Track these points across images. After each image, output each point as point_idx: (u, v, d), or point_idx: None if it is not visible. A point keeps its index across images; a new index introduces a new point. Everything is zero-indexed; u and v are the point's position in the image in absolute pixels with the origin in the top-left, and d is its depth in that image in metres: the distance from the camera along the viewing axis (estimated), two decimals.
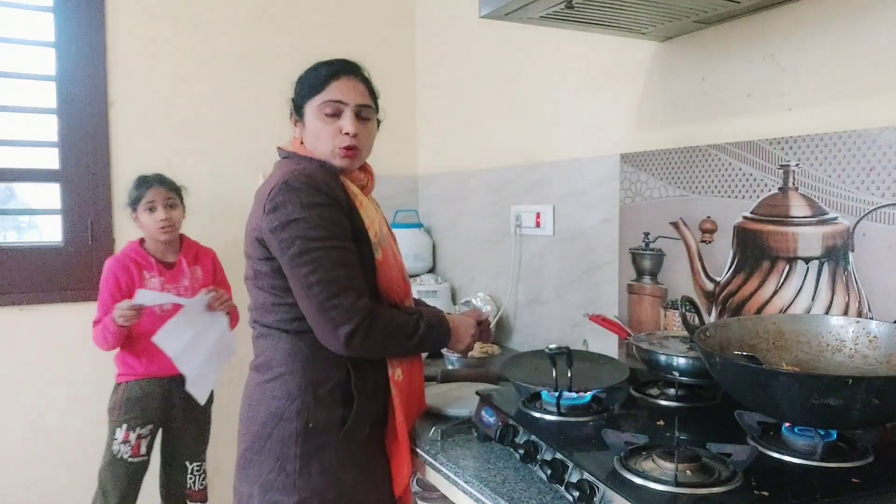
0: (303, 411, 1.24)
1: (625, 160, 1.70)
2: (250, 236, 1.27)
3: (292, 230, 1.19)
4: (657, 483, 0.91)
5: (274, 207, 1.20)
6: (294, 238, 1.18)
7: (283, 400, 1.25)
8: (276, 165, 1.35)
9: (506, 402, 1.29)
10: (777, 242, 1.34)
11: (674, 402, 1.31)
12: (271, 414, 1.25)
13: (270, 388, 1.27)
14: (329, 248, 1.19)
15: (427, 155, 2.71)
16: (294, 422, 1.24)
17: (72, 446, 2.19)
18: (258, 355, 1.32)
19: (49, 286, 2.14)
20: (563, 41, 1.90)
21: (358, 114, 1.31)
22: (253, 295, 1.32)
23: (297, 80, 1.36)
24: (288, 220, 1.19)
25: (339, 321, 1.17)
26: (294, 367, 1.26)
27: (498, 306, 2.21)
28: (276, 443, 1.24)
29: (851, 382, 0.91)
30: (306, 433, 1.24)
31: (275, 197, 1.20)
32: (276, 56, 2.44)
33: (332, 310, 1.17)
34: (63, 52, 2.14)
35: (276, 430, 1.24)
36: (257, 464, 1.25)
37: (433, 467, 1.26)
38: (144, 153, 2.25)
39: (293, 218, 1.19)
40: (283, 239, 1.19)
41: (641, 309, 1.67)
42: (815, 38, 1.28)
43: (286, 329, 1.26)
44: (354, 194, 1.29)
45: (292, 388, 1.25)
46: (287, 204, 1.19)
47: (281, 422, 1.24)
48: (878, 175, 1.18)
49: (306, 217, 1.19)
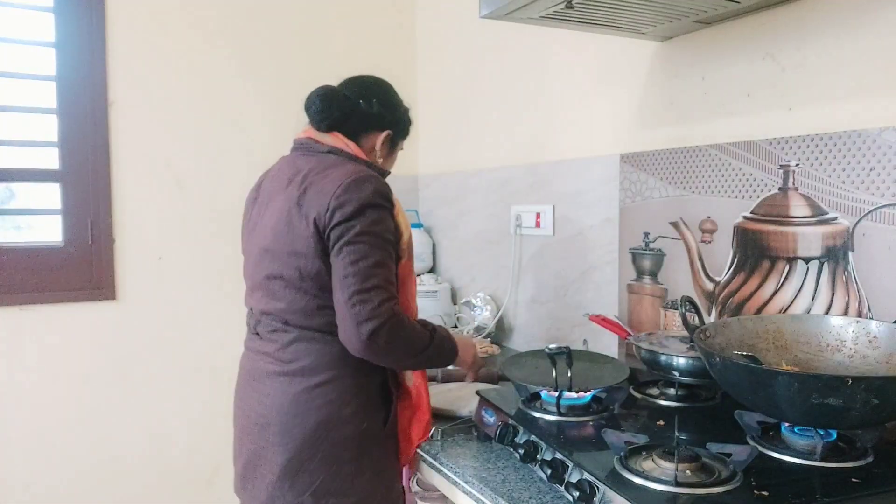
0: (358, 413, 1.25)
1: (625, 160, 1.70)
2: (305, 234, 1.24)
3: (352, 223, 1.21)
4: (657, 483, 0.91)
5: (342, 203, 1.22)
6: (349, 229, 1.21)
7: (337, 404, 1.24)
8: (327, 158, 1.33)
9: (506, 402, 1.29)
10: (777, 242, 1.34)
11: (674, 402, 1.31)
12: (322, 420, 1.24)
13: (321, 393, 1.24)
14: (375, 246, 1.22)
15: (427, 155, 2.71)
16: (349, 425, 1.24)
17: (72, 446, 2.19)
18: (295, 360, 1.27)
19: (49, 286, 2.14)
20: (564, 41, 1.90)
21: None
22: (288, 297, 1.27)
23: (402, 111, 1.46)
24: (353, 216, 1.22)
25: (363, 317, 1.17)
26: (345, 371, 1.25)
27: (498, 306, 2.21)
28: (329, 448, 1.23)
29: (851, 382, 0.91)
30: (361, 435, 1.25)
31: (342, 194, 1.22)
32: (277, 56, 2.44)
33: (359, 304, 1.18)
34: (63, 52, 2.14)
35: (331, 435, 1.24)
36: (309, 472, 1.23)
37: (433, 467, 1.26)
38: (144, 153, 2.25)
39: (357, 213, 1.22)
40: (342, 231, 1.22)
41: (641, 309, 1.67)
42: (815, 38, 1.28)
43: (331, 332, 1.24)
44: (395, 201, 1.33)
45: (346, 392, 1.25)
46: (355, 200, 1.22)
47: (337, 425, 1.24)
48: (878, 175, 1.18)
49: (368, 214, 1.23)
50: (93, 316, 2.20)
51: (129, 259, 2.24)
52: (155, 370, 2.29)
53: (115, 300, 2.22)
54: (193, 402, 2.33)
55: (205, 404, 2.33)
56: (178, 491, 2.34)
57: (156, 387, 2.29)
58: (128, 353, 2.25)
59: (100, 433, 2.22)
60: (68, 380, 2.18)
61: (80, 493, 2.20)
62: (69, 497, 2.19)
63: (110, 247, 2.21)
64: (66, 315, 2.17)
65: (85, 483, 2.21)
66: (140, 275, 2.26)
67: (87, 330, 2.20)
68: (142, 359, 2.27)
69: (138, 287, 2.26)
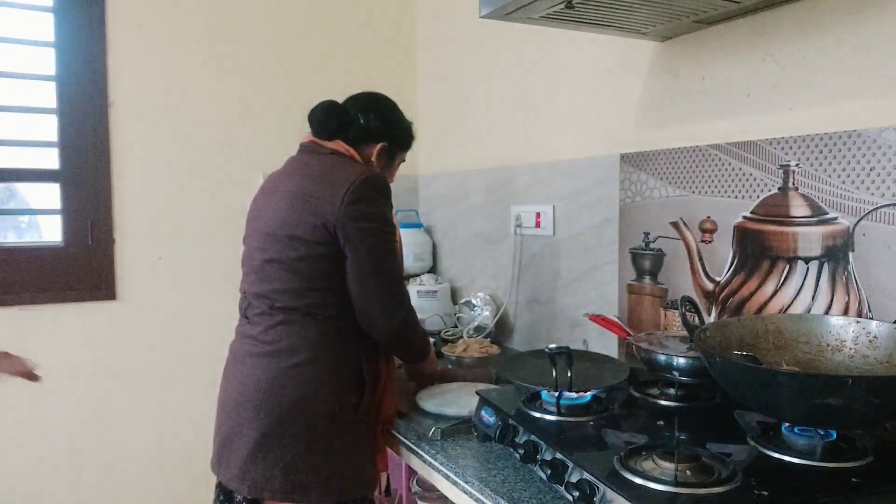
0: (332, 395, 1.32)
1: (625, 160, 1.70)
2: (308, 221, 1.31)
3: (372, 222, 1.33)
4: (657, 483, 0.91)
5: (357, 199, 1.31)
6: (374, 229, 1.33)
7: (314, 384, 1.31)
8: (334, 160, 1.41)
9: (506, 402, 1.29)
10: (777, 242, 1.34)
11: (674, 401, 1.31)
12: (299, 398, 1.30)
13: (297, 374, 1.31)
14: (394, 245, 1.38)
15: (427, 155, 2.71)
16: (324, 404, 1.31)
17: (72, 446, 2.19)
18: (276, 341, 1.34)
19: (49, 286, 2.14)
20: (563, 41, 1.90)
21: None
22: (281, 279, 1.34)
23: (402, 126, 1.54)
24: (369, 213, 1.32)
25: (397, 306, 1.36)
26: (320, 354, 1.33)
27: (498, 306, 2.21)
28: (304, 425, 1.29)
29: (851, 382, 0.91)
30: (333, 415, 1.32)
31: (356, 190, 1.31)
32: (276, 56, 2.44)
33: (396, 295, 1.36)
34: (63, 52, 2.14)
35: (305, 414, 1.30)
36: (281, 447, 1.29)
37: (433, 467, 1.26)
38: (144, 153, 2.25)
39: (373, 212, 1.33)
40: (364, 228, 1.32)
41: (641, 309, 1.67)
42: (815, 38, 1.28)
43: (314, 314, 1.33)
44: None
45: (322, 372, 1.32)
46: (368, 199, 1.33)
47: (312, 404, 1.30)
48: (878, 175, 1.18)
49: (383, 214, 1.36)
50: (93, 316, 2.20)
51: (129, 259, 2.24)
52: (155, 370, 2.29)
53: (115, 300, 2.22)
54: (193, 402, 2.33)
55: (205, 404, 2.32)
56: (178, 490, 2.34)
57: (156, 386, 2.29)
58: (128, 353, 2.25)
59: (100, 433, 2.22)
60: (68, 380, 2.18)
61: (80, 492, 2.20)
62: (69, 497, 2.19)
63: (110, 247, 2.21)
64: (66, 315, 2.17)
65: (85, 482, 2.21)
66: (140, 275, 2.26)
67: (87, 330, 2.20)
68: (142, 359, 2.27)
69: (138, 287, 2.26)
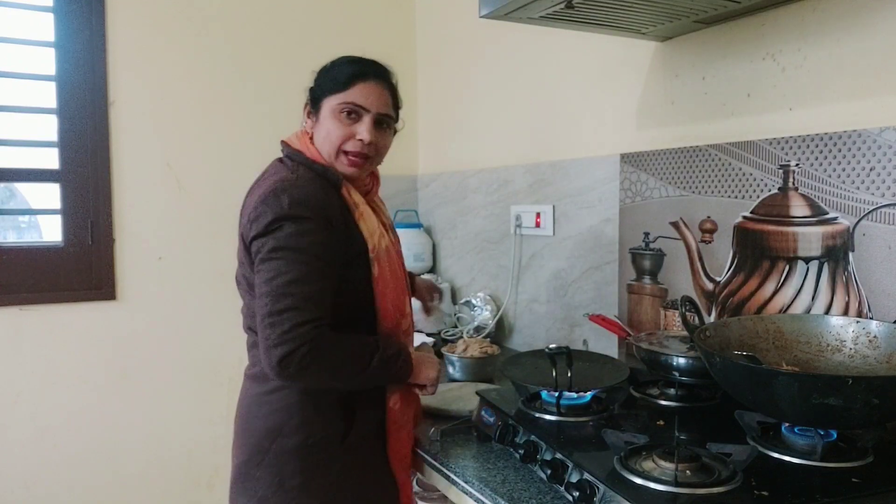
0: (303, 426, 1.18)
1: (625, 160, 1.70)
2: (240, 240, 1.21)
3: (267, 239, 1.13)
4: (657, 483, 0.91)
5: (257, 216, 1.14)
6: (264, 245, 1.13)
7: (283, 413, 1.19)
8: (272, 164, 1.28)
9: (506, 402, 1.29)
10: (777, 242, 1.34)
11: (674, 402, 1.31)
12: (270, 428, 1.19)
13: (269, 401, 1.20)
14: (293, 261, 1.11)
15: (427, 155, 2.71)
16: (294, 437, 1.18)
17: (72, 446, 2.19)
18: (254, 364, 1.25)
19: (49, 286, 2.14)
20: (563, 41, 1.90)
21: (377, 122, 1.25)
22: (246, 300, 1.26)
23: (320, 70, 1.27)
24: (266, 230, 1.13)
25: (273, 341, 1.07)
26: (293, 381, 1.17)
27: (498, 306, 2.21)
28: (274, 457, 1.18)
29: (851, 382, 0.91)
30: (307, 448, 1.18)
31: (259, 205, 1.15)
32: (276, 56, 2.44)
33: (269, 327, 1.08)
34: (63, 52, 2.14)
35: (276, 445, 1.18)
36: (255, 479, 1.19)
37: (433, 467, 1.26)
38: (144, 153, 2.25)
39: (272, 228, 1.13)
40: (258, 247, 1.14)
41: (641, 309, 1.67)
42: (815, 38, 1.28)
43: None
44: (355, 205, 1.23)
45: (292, 402, 1.18)
46: (269, 213, 1.13)
47: (280, 437, 1.18)
48: (878, 175, 1.18)
49: (285, 228, 1.12)
50: (93, 316, 2.20)
51: (129, 259, 2.24)
52: (155, 370, 2.29)
53: (115, 300, 2.23)
54: (193, 403, 2.33)
55: (205, 404, 2.33)
56: (178, 491, 2.34)
57: (155, 387, 2.29)
58: (128, 353, 2.25)
59: (100, 433, 2.22)
60: (68, 380, 2.18)
61: (80, 492, 2.20)
62: (69, 497, 2.19)
63: (110, 247, 2.21)
64: (66, 315, 2.17)
65: (85, 483, 2.21)
66: (140, 275, 2.26)
67: (87, 330, 2.20)
68: (141, 359, 2.27)
69: (138, 287, 2.26)
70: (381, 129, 1.26)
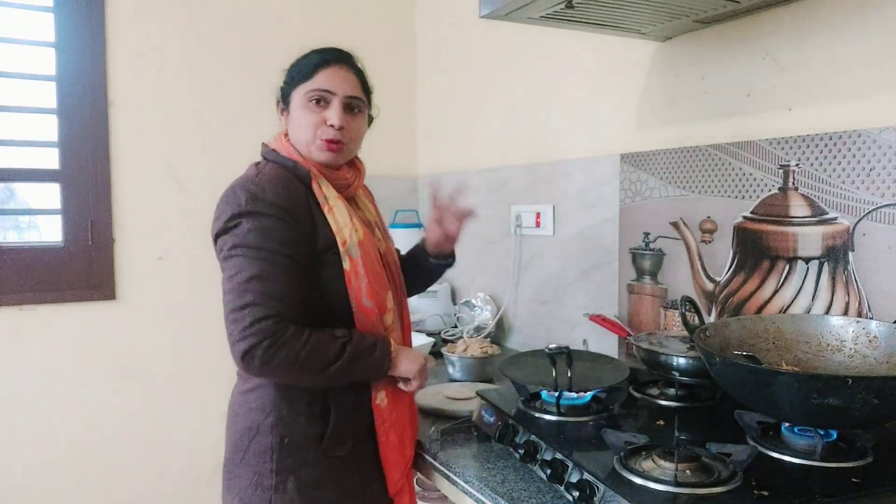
0: (277, 425, 1.17)
1: (625, 160, 1.70)
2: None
3: (227, 237, 1.14)
4: (657, 483, 0.91)
5: (218, 214, 1.16)
6: (225, 243, 1.14)
7: (259, 413, 1.19)
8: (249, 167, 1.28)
9: (506, 401, 1.29)
10: (777, 242, 1.34)
11: (674, 402, 1.31)
12: (247, 426, 1.20)
13: (247, 400, 1.21)
14: (253, 258, 1.11)
15: (427, 155, 2.71)
16: (269, 436, 1.17)
17: (72, 446, 2.19)
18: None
19: (49, 286, 2.14)
20: (563, 41, 1.90)
21: (347, 105, 1.24)
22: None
23: (287, 68, 1.30)
24: (225, 228, 1.14)
25: (235, 337, 1.08)
26: (268, 380, 1.18)
27: (498, 306, 2.21)
28: (252, 456, 1.19)
29: (851, 382, 0.91)
30: (281, 448, 1.17)
31: (219, 203, 1.17)
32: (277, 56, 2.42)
33: (232, 323, 1.09)
34: (63, 52, 2.14)
35: (253, 444, 1.19)
36: (237, 476, 1.21)
37: (433, 467, 1.26)
38: (144, 153, 2.25)
39: (230, 225, 1.13)
40: (221, 245, 1.15)
41: (641, 309, 1.67)
42: (815, 38, 1.28)
43: None
44: (325, 199, 1.21)
45: (267, 401, 1.19)
46: (228, 210, 1.14)
47: (257, 435, 1.18)
48: (878, 175, 1.18)
49: (243, 225, 1.13)
50: (93, 316, 2.20)
51: (129, 259, 2.24)
52: (154, 370, 2.29)
53: (114, 300, 2.23)
54: (193, 402, 2.33)
55: (204, 404, 2.33)
56: (178, 491, 2.34)
57: (155, 387, 2.29)
58: (127, 353, 2.25)
59: (100, 433, 2.22)
60: (68, 380, 2.18)
61: (80, 492, 2.20)
62: (69, 497, 2.19)
63: (110, 247, 2.21)
64: (65, 315, 2.17)
65: (85, 483, 2.21)
66: (140, 275, 2.26)
67: (87, 330, 2.20)
68: (141, 359, 2.27)
69: (138, 287, 2.26)
70: (353, 113, 1.26)
